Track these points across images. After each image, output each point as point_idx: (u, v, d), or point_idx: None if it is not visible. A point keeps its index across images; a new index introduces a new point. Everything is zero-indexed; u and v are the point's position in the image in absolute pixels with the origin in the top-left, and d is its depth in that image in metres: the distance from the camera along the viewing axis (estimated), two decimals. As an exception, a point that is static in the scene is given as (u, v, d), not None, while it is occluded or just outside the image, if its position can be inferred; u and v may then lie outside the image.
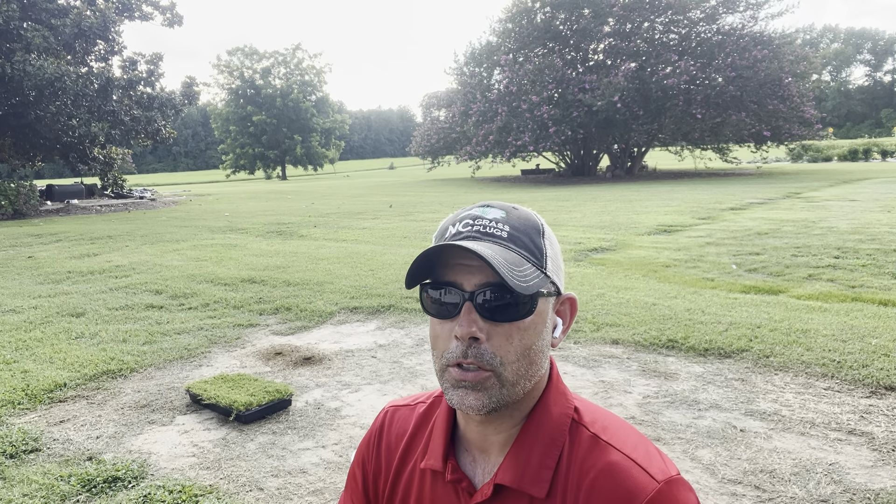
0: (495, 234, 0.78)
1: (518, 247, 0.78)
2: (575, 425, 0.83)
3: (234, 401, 3.41)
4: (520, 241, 0.78)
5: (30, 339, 4.94)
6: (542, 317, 0.80)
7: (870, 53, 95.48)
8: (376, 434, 1.00)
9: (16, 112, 19.14)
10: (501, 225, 0.79)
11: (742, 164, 29.37)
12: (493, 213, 0.81)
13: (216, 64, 54.92)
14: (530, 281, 0.75)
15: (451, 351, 0.78)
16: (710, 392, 3.52)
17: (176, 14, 21.27)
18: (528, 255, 0.78)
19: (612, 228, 10.31)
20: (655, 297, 5.57)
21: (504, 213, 0.81)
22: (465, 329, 0.76)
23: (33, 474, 2.83)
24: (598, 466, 0.78)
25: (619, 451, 0.79)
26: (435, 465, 0.87)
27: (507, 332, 0.77)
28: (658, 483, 0.75)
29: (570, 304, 0.87)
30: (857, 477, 2.61)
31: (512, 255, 0.76)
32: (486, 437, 0.85)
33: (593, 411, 0.86)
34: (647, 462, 0.78)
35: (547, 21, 26.26)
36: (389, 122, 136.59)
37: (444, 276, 0.79)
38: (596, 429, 0.82)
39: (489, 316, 0.76)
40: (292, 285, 6.58)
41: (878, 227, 9.12)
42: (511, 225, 0.79)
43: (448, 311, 0.78)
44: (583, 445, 0.81)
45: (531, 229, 0.80)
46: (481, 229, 0.79)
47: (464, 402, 0.78)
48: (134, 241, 10.79)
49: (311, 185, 34.84)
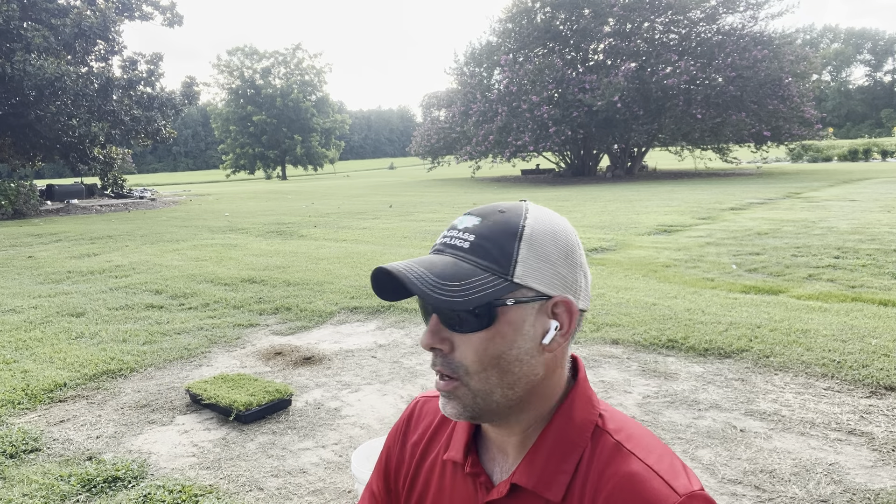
0: (456, 246, 0.78)
1: (478, 257, 0.76)
2: (598, 431, 0.81)
3: (234, 401, 3.41)
4: (482, 249, 0.77)
5: (30, 338, 4.94)
6: (515, 325, 0.77)
7: (870, 53, 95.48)
8: (404, 423, 1.02)
9: (16, 112, 19.14)
10: (467, 235, 0.78)
11: (742, 164, 29.36)
12: (466, 222, 0.80)
13: (216, 64, 54.94)
14: (477, 293, 0.74)
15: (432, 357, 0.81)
16: (710, 392, 3.52)
17: (176, 14, 21.27)
18: (490, 263, 0.76)
19: (612, 228, 10.31)
20: (655, 297, 5.57)
21: (479, 219, 0.79)
22: (426, 340, 0.79)
23: (33, 474, 2.83)
24: (619, 475, 0.76)
25: (643, 461, 0.77)
26: (456, 456, 0.89)
27: (473, 342, 0.77)
28: (680, 497, 0.72)
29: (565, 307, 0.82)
30: (857, 477, 2.61)
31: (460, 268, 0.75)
32: (501, 438, 0.86)
33: (619, 419, 0.84)
34: (670, 474, 0.75)
35: (547, 21, 26.26)
36: (389, 122, 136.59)
37: None
38: (620, 437, 0.80)
39: (450, 327, 0.78)
40: (292, 285, 6.59)
41: (879, 227, 9.12)
42: (479, 233, 0.78)
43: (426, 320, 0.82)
44: (605, 452, 0.79)
45: (503, 234, 0.77)
46: (448, 241, 0.80)
47: (444, 410, 0.81)
48: (134, 240, 10.79)
49: (311, 185, 34.84)
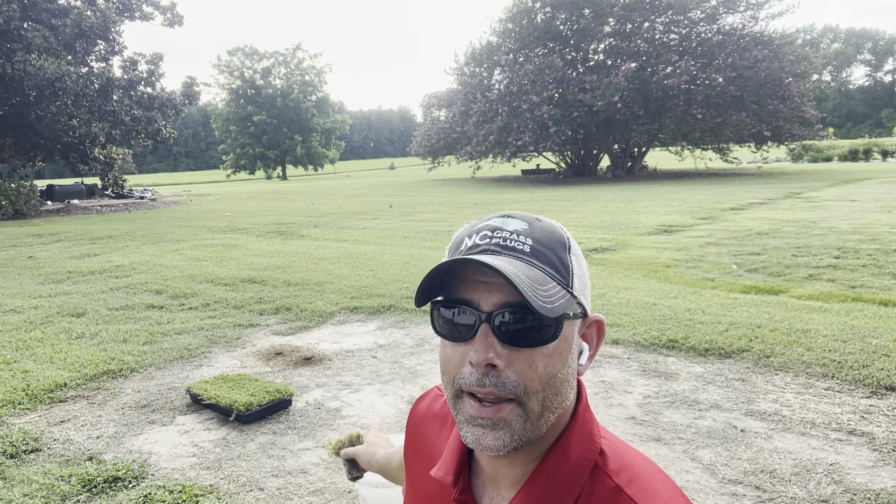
0: (517, 249, 0.70)
1: (542, 263, 0.70)
2: (597, 471, 0.73)
3: (235, 401, 3.41)
4: (544, 256, 0.70)
5: (30, 339, 4.94)
6: (568, 342, 0.71)
7: (870, 53, 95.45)
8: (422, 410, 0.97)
9: (16, 112, 19.15)
10: (524, 238, 0.71)
11: (742, 164, 29.37)
12: (514, 225, 0.73)
13: (216, 64, 54.99)
14: (556, 301, 0.67)
15: (465, 377, 0.69)
16: (711, 392, 3.52)
17: (176, 14, 21.28)
18: (553, 272, 0.70)
19: (612, 228, 10.30)
20: (656, 297, 5.57)
21: (526, 224, 0.73)
22: (482, 355, 0.67)
23: (34, 474, 2.83)
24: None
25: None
26: (445, 478, 0.81)
27: (528, 358, 0.68)
28: None
29: (597, 328, 0.78)
30: (858, 477, 2.61)
31: (535, 273, 0.68)
32: (497, 469, 0.77)
33: (622, 456, 0.75)
34: None
35: (547, 21, 26.27)
36: (390, 123, 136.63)
37: (458, 294, 0.71)
38: (621, 479, 0.72)
39: (509, 340, 0.68)
40: (293, 285, 6.59)
41: (879, 227, 9.12)
42: (534, 238, 0.71)
43: (462, 333, 0.70)
44: (603, 497, 0.71)
45: (556, 243, 0.72)
46: (501, 242, 0.71)
47: (480, 443, 0.69)
48: (134, 241, 10.79)
49: (312, 185, 34.85)
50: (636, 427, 3.15)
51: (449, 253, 0.76)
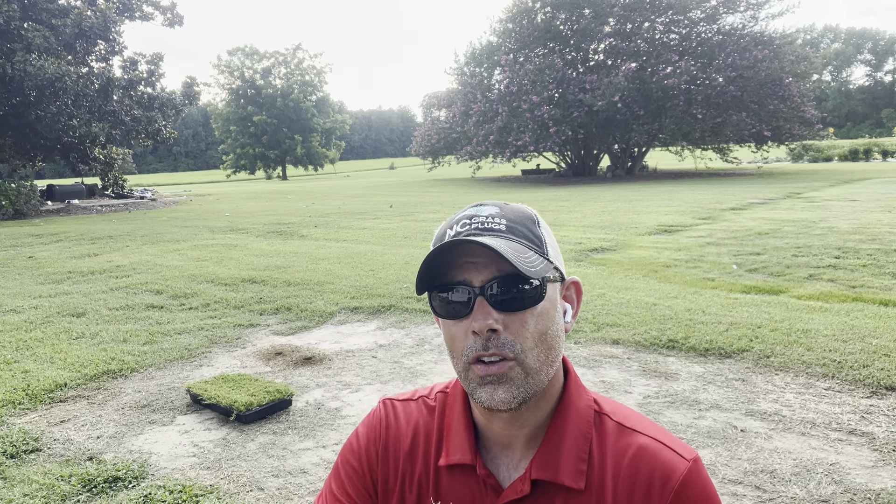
0: (494, 229, 0.80)
1: (518, 237, 0.80)
2: (598, 416, 0.86)
3: (235, 401, 3.41)
4: (518, 231, 0.81)
5: (30, 339, 4.94)
6: (553, 302, 0.82)
7: (870, 53, 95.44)
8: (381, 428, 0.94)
9: (16, 112, 19.15)
10: (498, 219, 0.81)
11: (742, 164, 29.37)
12: (487, 210, 0.83)
13: (216, 64, 54.97)
14: (537, 266, 0.78)
15: (470, 347, 0.78)
16: (711, 392, 3.52)
17: (176, 14, 21.29)
18: (529, 243, 0.81)
19: (612, 228, 10.30)
20: (656, 297, 5.57)
21: (497, 208, 0.83)
22: (482, 322, 0.77)
23: (34, 474, 2.83)
24: (632, 450, 0.82)
25: (647, 435, 0.83)
26: (463, 459, 0.86)
27: (521, 319, 0.78)
28: (688, 461, 0.80)
29: (574, 288, 0.89)
30: (858, 477, 2.61)
31: (515, 244, 0.79)
32: (510, 433, 0.85)
33: (610, 402, 0.90)
34: (675, 443, 0.83)
35: (547, 21, 26.26)
36: (390, 123, 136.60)
37: (451, 278, 0.80)
38: (618, 418, 0.86)
39: (502, 307, 0.78)
40: (293, 285, 6.59)
41: (879, 227, 9.12)
42: (507, 218, 0.82)
43: (460, 309, 0.79)
44: (610, 434, 0.84)
45: (527, 220, 0.83)
46: (480, 226, 0.80)
47: (493, 398, 0.78)
48: (134, 241, 10.79)
49: (312, 185, 34.85)
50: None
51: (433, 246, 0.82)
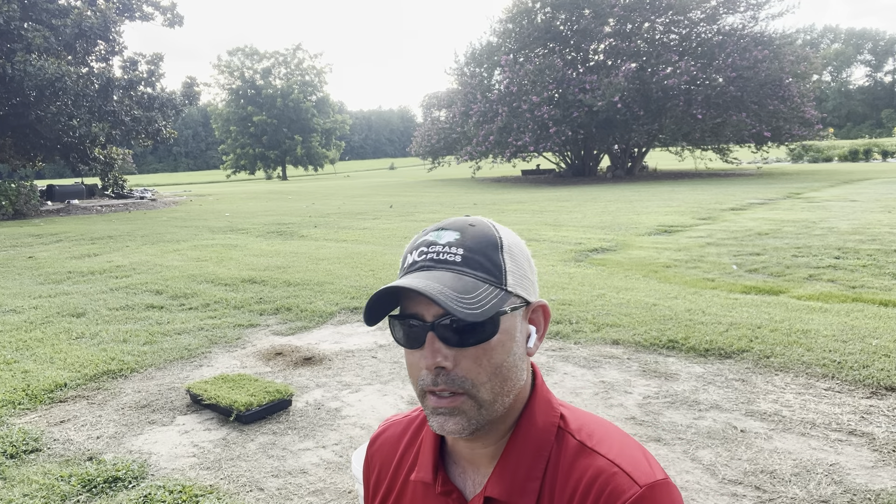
0: (448, 261, 0.78)
1: (473, 269, 0.78)
2: (561, 433, 0.84)
3: (235, 401, 3.41)
4: (474, 262, 0.78)
5: (30, 339, 4.94)
6: (510, 333, 0.80)
7: (870, 54, 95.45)
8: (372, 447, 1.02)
9: (16, 112, 19.15)
10: (455, 249, 0.79)
11: (742, 164, 29.38)
12: (447, 237, 0.80)
13: (216, 64, 54.95)
14: (486, 304, 0.75)
15: (423, 378, 0.79)
16: (711, 392, 3.52)
17: (176, 14, 21.28)
18: (485, 275, 0.78)
19: (612, 229, 10.30)
20: (656, 297, 5.57)
21: (458, 234, 0.80)
22: (430, 360, 0.77)
23: (34, 474, 2.83)
24: (586, 474, 0.79)
25: (604, 456, 0.79)
26: (425, 477, 0.88)
27: (474, 354, 0.77)
28: (640, 487, 0.76)
29: (542, 312, 0.86)
30: (858, 477, 2.61)
31: (465, 282, 0.76)
32: (473, 451, 0.86)
33: (579, 417, 0.86)
34: (631, 467, 0.78)
35: (547, 21, 26.26)
36: (390, 123, 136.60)
37: (406, 308, 0.80)
38: (582, 436, 0.83)
39: (452, 343, 0.77)
40: (293, 285, 6.59)
41: (879, 227, 9.12)
42: (465, 247, 0.79)
43: (414, 341, 0.79)
44: (569, 453, 0.82)
45: (488, 247, 0.80)
46: (434, 257, 0.79)
47: (444, 428, 0.79)
48: (134, 241, 10.80)
49: (312, 185, 34.85)
50: (636, 427, 3.15)
51: (401, 264, 0.84)
